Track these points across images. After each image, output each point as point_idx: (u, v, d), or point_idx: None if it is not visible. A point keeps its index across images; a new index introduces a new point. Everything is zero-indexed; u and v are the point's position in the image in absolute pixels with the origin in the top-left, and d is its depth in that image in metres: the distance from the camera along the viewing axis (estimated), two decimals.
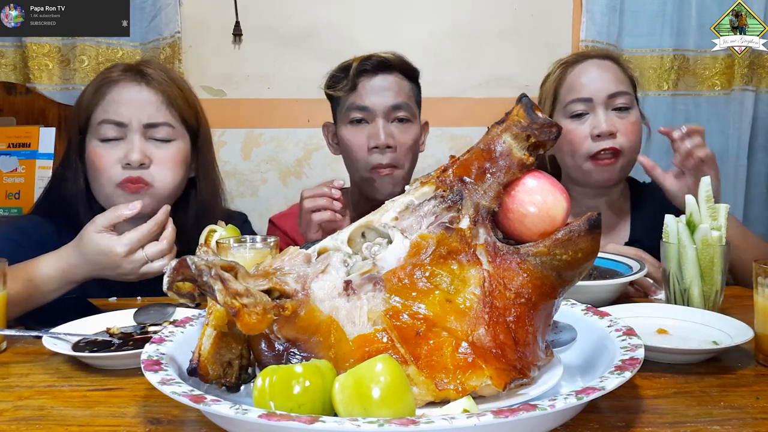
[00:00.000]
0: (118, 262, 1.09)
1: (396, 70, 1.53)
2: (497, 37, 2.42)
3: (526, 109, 0.72)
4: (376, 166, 1.51)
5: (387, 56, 1.53)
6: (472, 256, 0.69)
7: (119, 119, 1.24)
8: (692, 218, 1.09)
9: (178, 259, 0.63)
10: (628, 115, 1.47)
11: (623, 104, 1.47)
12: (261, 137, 2.43)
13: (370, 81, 1.52)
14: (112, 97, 1.26)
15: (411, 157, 1.56)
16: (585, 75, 1.51)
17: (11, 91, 2.30)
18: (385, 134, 1.50)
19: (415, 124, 1.57)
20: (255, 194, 2.45)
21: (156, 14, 2.25)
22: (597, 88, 1.48)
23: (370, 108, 1.51)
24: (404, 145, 1.53)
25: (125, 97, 1.26)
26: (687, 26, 2.33)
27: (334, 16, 2.37)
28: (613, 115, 1.47)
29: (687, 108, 2.38)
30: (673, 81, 2.36)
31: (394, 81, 1.52)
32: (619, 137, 1.46)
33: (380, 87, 1.51)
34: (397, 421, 0.55)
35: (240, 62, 2.38)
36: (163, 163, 1.27)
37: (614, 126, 1.45)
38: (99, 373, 0.85)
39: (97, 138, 1.25)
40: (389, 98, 1.51)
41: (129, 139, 1.25)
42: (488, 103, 2.41)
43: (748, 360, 0.87)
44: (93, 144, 1.26)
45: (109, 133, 1.24)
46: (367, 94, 1.51)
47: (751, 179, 2.39)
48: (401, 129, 1.53)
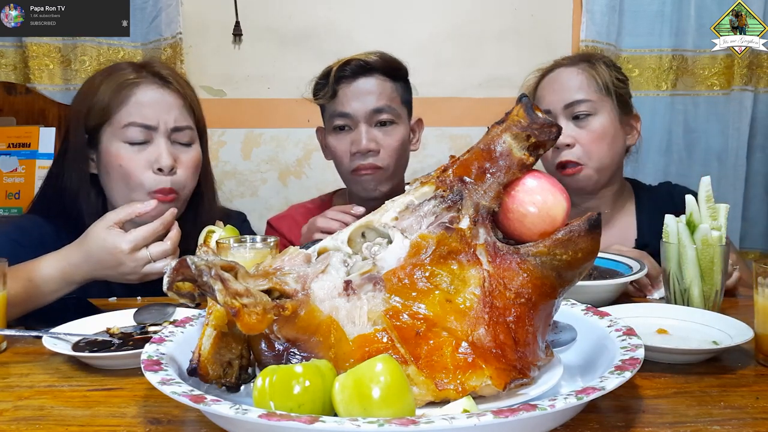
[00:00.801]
0: (121, 259, 1.08)
1: (377, 72, 1.50)
2: (497, 37, 2.42)
3: (526, 109, 0.72)
4: (356, 168, 1.51)
5: (366, 58, 1.49)
6: (472, 256, 0.69)
7: (147, 122, 1.23)
8: (692, 218, 1.09)
9: (178, 259, 0.63)
10: (587, 124, 1.45)
11: (581, 112, 1.45)
12: (261, 137, 2.43)
13: (350, 86, 1.49)
14: (136, 99, 1.24)
15: (397, 157, 1.53)
16: (548, 86, 1.51)
17: (11, 91, 2.30)
18: (367, 139, 1.48)
19: (401, 125, 1.54)
20: (255, 194, 2.45)
21: (157, 15, 2.25)
22: (556, 98, 1.48)
23: (352, 114, 1.49)
24: (388, 147, 1.51)
25: (150, 99, 1.25)
26: (686, 26, 2.34)
27: (334, 16, 2.37)
28: (572, 125, 1.46)
29: (686, 108, 2.39)
30: (672, 81, 2.36)
31: (374, 84, 1.49)
32: (577, 148, 1.45)
33: (360, 91, 1.49)
34: (397, 421, 0.55)
35: (240, 62, 2.38)
36: (187, 167, 1.27)
37: (571, 137, 1.44)
38: (99, 373, 0.85)
39: (120, 140, 1.23)
40: (370, 102, 1.49)
41: (156, 143, 1.24)
42: (488, 103, 2.41)
43: (748, 360, 0.87)
44: (116, 146, 1.24)
45: (137, 137, 1.23)
46: (347, 100, 1.49)
47: (749, 179, 2.39)
48: (385, 132, 1.51)
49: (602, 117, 1.47)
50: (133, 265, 1.09)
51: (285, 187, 2.45)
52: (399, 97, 1.54)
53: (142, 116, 1.23)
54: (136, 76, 1.27)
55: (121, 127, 1.23)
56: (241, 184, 2.43)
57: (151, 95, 1.25)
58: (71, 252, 1.11)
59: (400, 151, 1.54)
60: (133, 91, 1.25)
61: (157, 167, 1.22)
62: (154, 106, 1.25)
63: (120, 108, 1.24)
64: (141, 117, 1.23)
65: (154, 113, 1.24)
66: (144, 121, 1.23)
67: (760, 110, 2.38)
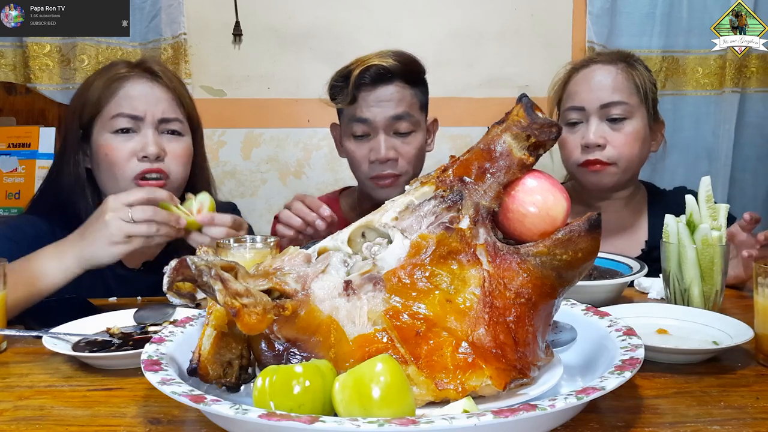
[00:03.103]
0: (104, 213, 1.06)
1: (397, 78, 1.49)
2: (497, 37, 2.42)
3: (526, 109, 0.72)
4: (376, 176, 1.51)
5: (386, 64, 1.47)
6: (472, 256, 0.69)
7: (134, 113, 1.26)
8: (692, 218, 1.09)
9: (178, 259, 0.63)
10: (622, 127, 1.44)
11: (617, 115, 1.44)
12: (261, 137, 2.43)
13: (370, 93, 1.48)
14: (125, 92, 1.27)
15: (416, 163, 1.54)
16: (584, 82, 1.49)
17: (11, 91, 2.30)
18: (386, 148, 1.48)
19: (419, 132, 1.54)
20: (255, 194, 2.45)
21: (156, 14, 2.25)
22: (591, 97, 1.46)
23: (371, 120, 1.49)
24: (407, 155, 1.51)
25: (139, 92, 1.28)
26: (677, 27, 2.36)
27: (334, 16, 2.37)
28: (606, 125, 1.45)
29: (675, 107, 2.41)
30: (661, 81, 2.37)
31: (394, 91, 1.48)
32: (609, 149, 1.44)
33: (380, 98, 1.48)
34: (397, 421, 0.55)
35: (240, 62, 2.38)
36: (176, 156, 1.30)
37: (603, 138, 1.43)
38: (99, 373, 0.85)
39: (109, 131, 1.26)
40: (390, 110, 1.48)
41: (143, 133, 1.26)
42: (488, 103, 2.41)
43: (748, 360, 0.87)
44: (105, 137, 1.26)
45: (123, 125, 1.25)
46: (367, 107, 1.48)
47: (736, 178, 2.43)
48: (404, 140, 1.51)
49: (636, 121, 1.46)
50: (115, 225, 1.06)
51: (285, 187, 2.45)
52: (418, 103, 1.53)
53: (130, 107, 1.26)
54: (127, 71, 1.30)
55: (109, 118, 1.26)
56: (241, 184, 2.43)
57: (139, 89, 1.28)
58: (66, 244, 1.11)
59: (418, 157, 1.54)
60: (122, 84, 1.28)
61: (143, 155, 1.25)
62: (142, 99, 1.27)
63: (110, 101, 1.26)
64: (129, 108, 1.26)
65: (141, 105, 1.27)
66: (132, 111, 1.26)
67: (750, 110, 2.41)
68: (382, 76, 1.48)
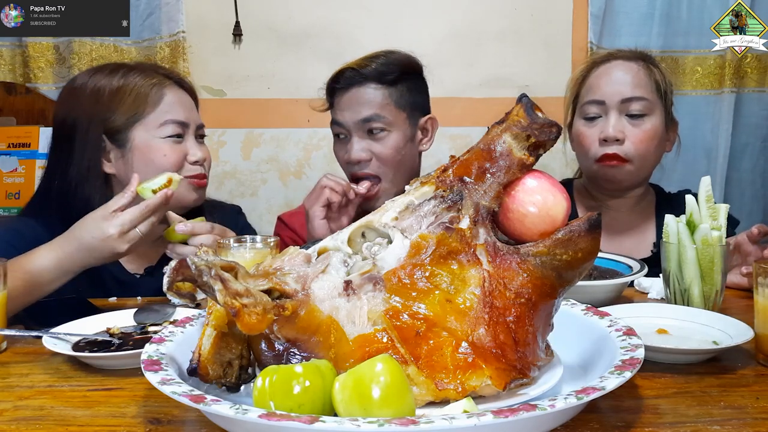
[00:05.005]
0: (113, 245, 1.09)
1: (370, 80, 1.49)
2: (497, 37, 2.42)
3: (526, 109, 0.72)
4: (353, 177, 1.52)
5: (358, 68, 1.49)
6: (472, 256, 0.69)
7: (183, 119, 1.34)
8: (692, 218, 1.09)
9: (178, 259, 0.63)
10: (641, 123, 1.45)
11: (637, 111, 1.44)
12: (261, 137, 2.43)
13: (342, 96, 1.51)
14: (169, 99, 1.34)
15: (394, 163, 1.51)
16: (605, 76, 1.48)
17: (11, 91, 2.30)
18: (357, 149, 1.49)
19: (394, 131, 1.51)
20: (255, 194, 2.45)
21: (152, 12, 2.25)
22: (612, 91, 1.45)
23: (343, 123, 1.51)
24: (381, 155, 1.50)
25: (179, 100, 1.35)
26: (676, 27, 2.37)
27: (334, 16, 2.37)
28: (625, 120, 1.45)
29: (674, 107, 2.40)
30: None
31: (365, 93, 1.49)
32: (627, 144, 1.44)
33: (351, 102, 1.49)
34: (397, 421, 0.55)
35: (240, 62, 2.38)
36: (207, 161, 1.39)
37: (622, 132, 1.43)
38: (99, 373, 0.85)
39: (159, 136, 1.31)
40: (360, 112, 1.48)
41: (187, 140, 1.35)
42: (488, 103, 2.42)
43: (748, 360, 0.87)
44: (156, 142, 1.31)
45: (174, 131, 1.32)
46: (340, 110, 1.52)
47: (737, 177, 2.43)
48: (376, 140, 1.50)
49: (655, 118, 1.46)
50: (125, 246, 1.09)
51: (285, 187, 2.45)
52: (393, 103, 1.51)
53: (179, 115, 1.34)
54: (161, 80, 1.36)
55: (158, 125, 1.31)
56: (241, 184, 2.43)
57: (179, 96, 1.37)
58: (64, 242, 1.11)
59: (396, 156, 1.51)
60: (164, 91, 1.35)
61: (194, 160, 1.34)
62: (183, 107, 1.36)
63: (154, 108, 1.32)
64: (177, 115, 1.34)
65: (185, 113, 1.35)
66: (181, 118, 1.34)
67: (748, 110, 2.41)
68: (353, 80, 1.50)
